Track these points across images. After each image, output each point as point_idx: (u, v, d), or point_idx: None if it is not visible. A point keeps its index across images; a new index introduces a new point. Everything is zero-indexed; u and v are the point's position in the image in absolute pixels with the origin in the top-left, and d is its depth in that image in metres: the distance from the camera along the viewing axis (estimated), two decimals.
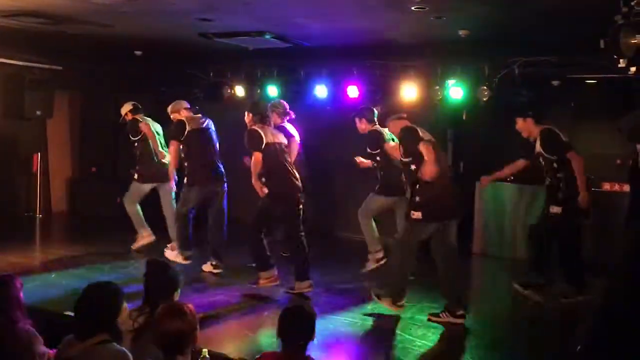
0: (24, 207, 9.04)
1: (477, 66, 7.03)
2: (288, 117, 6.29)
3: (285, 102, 6.39)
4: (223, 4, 5.37)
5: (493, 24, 5.76)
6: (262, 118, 5.79)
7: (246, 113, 5.91)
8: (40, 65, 8.74)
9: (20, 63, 8.52)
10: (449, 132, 7.87)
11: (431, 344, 4.51)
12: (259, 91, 8.32)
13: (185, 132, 6.27)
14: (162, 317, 2.43)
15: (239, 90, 8.42)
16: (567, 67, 6.69)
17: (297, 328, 2.79)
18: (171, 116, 6.57)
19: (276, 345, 2.84)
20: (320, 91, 7.76)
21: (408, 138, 4.89)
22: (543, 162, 5.58)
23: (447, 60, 7.14)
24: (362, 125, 6.20)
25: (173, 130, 6.38)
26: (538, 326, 5.13)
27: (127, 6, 5.48)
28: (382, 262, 6.06)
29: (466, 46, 6.60)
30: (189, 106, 6.65)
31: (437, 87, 7.17)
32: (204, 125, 6.48)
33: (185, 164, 6.36)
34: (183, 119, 6.42)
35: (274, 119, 6.13)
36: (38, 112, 8.68)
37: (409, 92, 7.32)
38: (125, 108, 7.11)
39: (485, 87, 6.89)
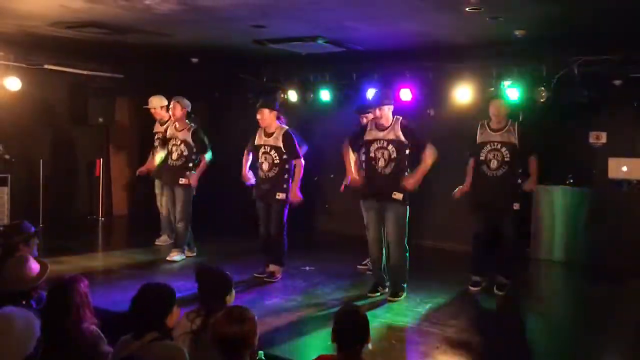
0: (87, 211, 9.40)
1: (535, 66, 6.87)
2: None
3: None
4: (276, 10, 5.45)
5: (551, 23, 5.62)
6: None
7: (266, 111, 5.89)
8: (103, 74, 9.08)
9: (84, 72, 8.87)
10: None
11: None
12: (311, 95, 8.39)
13: None
14: (223, 321, 2.47)
15: (292, 95, 8.50)
16: (630, 66, 6.45)
17: (352, 331, 2.78)
18: None
19: (332, 349, 2.85)
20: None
21: None
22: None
23: (502, 61, 7.01)
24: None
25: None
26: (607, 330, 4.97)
27: (185, 15, 5.64)
28: None
29: (523, 46, 6.46)
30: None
31: (492, 89, 7.04)
32: None
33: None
34: None
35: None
36: (100, 119, 9.02)
37: (462, 94, 7.23)
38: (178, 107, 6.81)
39: (543, 88, 6.72)
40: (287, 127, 6.02)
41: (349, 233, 7.38)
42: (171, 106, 6.82)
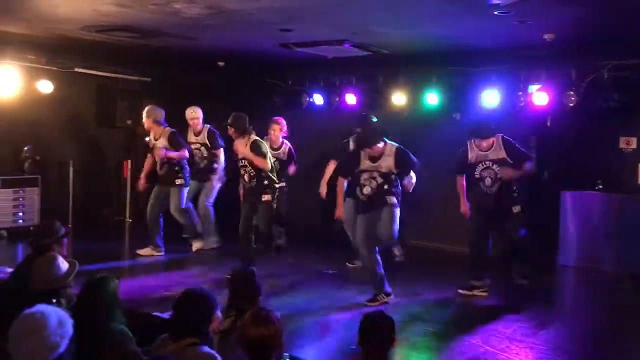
0: (114, 212, 9.53)
1: (563, 70, 6.77)
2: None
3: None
4: (303, 14, 5.47)
5: (581, 26, 5.55)
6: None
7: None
8: (130, 77, 9.21)
9: (112, 75, 9.01)
10: (532, 139, 7.60)
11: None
12: (337, 99, 8.40)
13: None
14: (249, 323, 2.49)
15: (318, 98, 8.52)
16: None
17: (378, 335, 2.77)
18: None
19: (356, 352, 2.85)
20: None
21: None
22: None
23: (530, 65, 6.93)
24: None
25: None
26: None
27: (211, 19, 5.70)
28: None
29: (551, 50, 6.39)
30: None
31: (520, 93, 6.97)
32: None
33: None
34: None
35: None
36: (128, 121, 9.15)
37: (490, 98, 7.16)
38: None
39: (572, 92, 6.62)
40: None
41: None
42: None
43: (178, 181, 7.05)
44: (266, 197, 6.14)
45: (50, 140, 8.55)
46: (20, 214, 7.96)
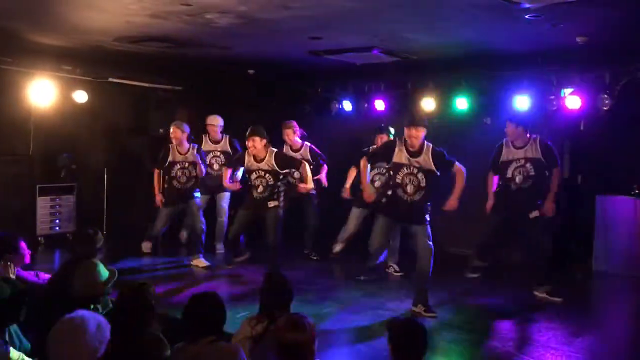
0: (147, 219, 9.66)
1: (597, 73, 6.66)
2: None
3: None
4: (333, 22, 5.50)
5: (614, 29, 5.45)
6: None
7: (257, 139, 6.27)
8: (163, 86, 9.36)
9: (145, 84, 9.16)
10: (566, 143, 7.50)
11: None
12: (366, 105, 8.41)
13: None
14: (282, 329, 2.52)
15: (347, 105, 8.54)
16: None
17: (412, 342, 2.76)
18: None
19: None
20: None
21: None
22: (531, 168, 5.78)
23: (563, 68, 6.84)
24: None
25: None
26: None
27: (243, 28, 5.77)
28: None
29: (584, 53, 6.29)
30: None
31: (553, 97, 6.87)
32: None
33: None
34: None
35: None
36: (160, 130, 9.29)
37: (521, 102, 7.07)
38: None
39: (606, 96, 6.51)
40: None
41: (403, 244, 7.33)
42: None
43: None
44: (273, 204, 6.20)
45: (86, 149, 8.73)
46: (57, 221, 8.15)
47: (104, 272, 3.34)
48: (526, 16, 4.96)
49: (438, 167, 5.32)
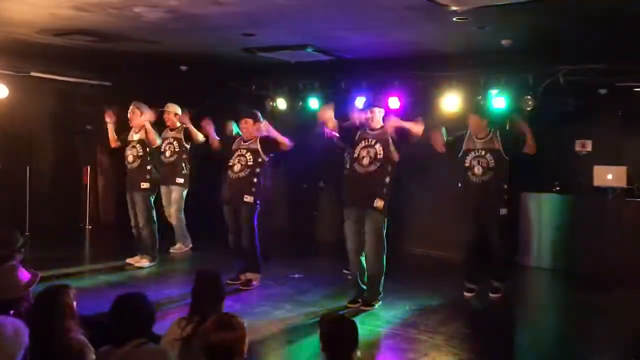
0: (74, 219, 9.32)
1: (521, 75, 6.93)
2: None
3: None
4: (265, 19, 5.47)
5: (537, 33, 5.70)
6: None
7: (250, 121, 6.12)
8: (91, 82, 9.04)
9: (72, 79, 8.83)
10: None
11: None
12: (300, 104, 8.41)
13: None
14: (210, 328, 2.46)
15: (281, 103, 8.51)
16: (615, 75, 6.54)
17: (341, 339, 2.76)
18: None
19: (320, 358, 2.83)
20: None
21: None
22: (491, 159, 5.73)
23: (489, 70, 7.07)
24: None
25: None
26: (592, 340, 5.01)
27: (174, 23, 5.65)
28: None
29: (509, 55, 6.53)
30: None
31: (480, 97, 7.10)
32: None
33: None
34: None
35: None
36: (88, 127, 8.99)
37: (450, 102, 7.28)
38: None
39: (529, 97, 6.79)
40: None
41: (339, 239, 7.37)
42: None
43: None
44: (248, 198, 5.89)
45: (7, 145, 8.32)
46: None
47: (24, 274, 3.17)
48: (454, 19, 5.10)
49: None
